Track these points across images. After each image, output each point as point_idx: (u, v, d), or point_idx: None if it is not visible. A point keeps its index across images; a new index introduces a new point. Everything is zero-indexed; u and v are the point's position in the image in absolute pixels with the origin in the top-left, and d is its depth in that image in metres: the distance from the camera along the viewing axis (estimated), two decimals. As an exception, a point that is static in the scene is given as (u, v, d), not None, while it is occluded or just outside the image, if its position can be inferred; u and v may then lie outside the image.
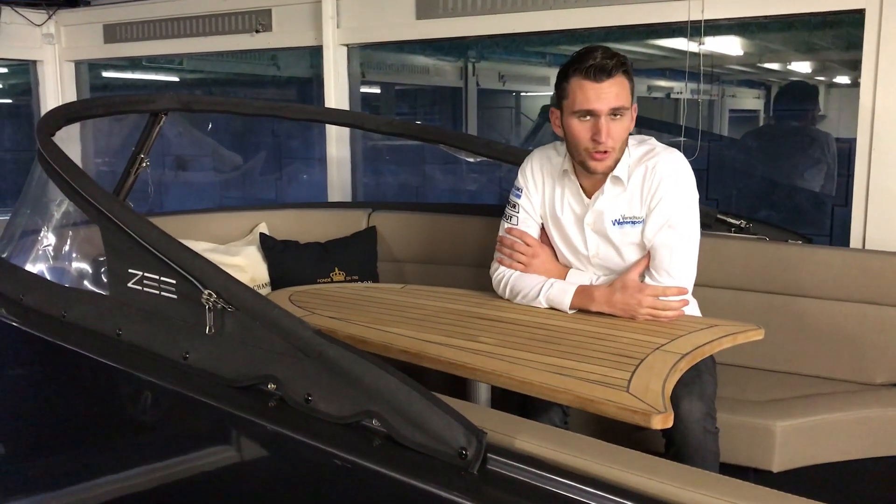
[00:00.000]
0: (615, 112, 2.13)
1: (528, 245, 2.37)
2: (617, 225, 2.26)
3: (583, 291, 2.23)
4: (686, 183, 2.22)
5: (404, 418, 1.37)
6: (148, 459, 1.89)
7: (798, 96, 3.79)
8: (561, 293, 2.25)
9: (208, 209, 3.61)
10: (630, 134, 2.25)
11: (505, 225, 2.44)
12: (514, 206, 2.43)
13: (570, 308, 2.23)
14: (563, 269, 2.36)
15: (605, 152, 2.16)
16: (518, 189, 2.43)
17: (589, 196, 2.30)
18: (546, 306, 2.27)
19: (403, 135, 3.48)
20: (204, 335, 1.70)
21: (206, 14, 4.63)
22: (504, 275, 2.39)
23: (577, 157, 2.23)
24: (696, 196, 2.24)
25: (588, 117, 2.15)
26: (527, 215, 2.41)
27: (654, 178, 2.20)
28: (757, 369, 2.70)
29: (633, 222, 2.24)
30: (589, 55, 2.12)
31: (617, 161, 2.21)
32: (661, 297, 2.17)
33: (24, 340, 2.23)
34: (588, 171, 2.24)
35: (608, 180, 2.25)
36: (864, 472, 2.38)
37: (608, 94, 2.11)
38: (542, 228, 2.43)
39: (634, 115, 2.23)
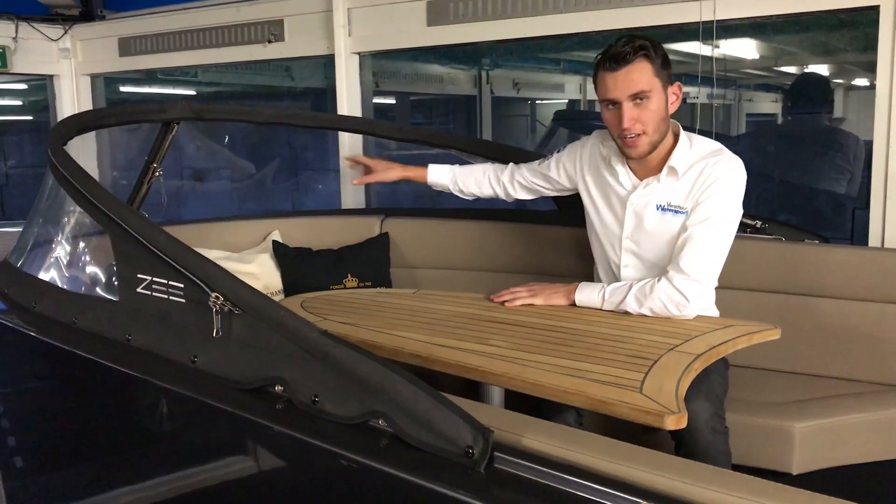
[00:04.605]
0: (637, 97, 2.14)
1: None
2: (660, 210, 2.26)
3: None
4: (738, 189, 2.22)
5: (411, 418, 1.36)
6: (157, 462, 1.89)
7: (809, 93, 3.73)
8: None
9: (222, 217, 3.60)
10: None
11: (535, 163, 2.66)
12: (549, 156, 2.61)
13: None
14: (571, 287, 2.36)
15: (638, 136, 2.17)
16: (559, 151, 2.57)
17: (640, 179, 2.30)
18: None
19: (414, 140, 3.47)
20: (212, 338, 1.70)
21: (219, 25, 4.65)
22: None
23: (617, 143, 2.26)
24: (740, 206, 2.23)
25: (612, 106, 2.19)
26: (548, 166, 2.59)
27: (711, 175, 2.20)
28: (775, 371, 2.66)
29: (677, 212, 2.24)
30: (611, 46, 2.16)
31: (654, 144, 2.21)
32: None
33: (37, 347, 2.24)
34: (626, 156, 2.28)
35: (665, 169, 2.25)
36: (886, 474, 2.34)
37: (625, 81, 2.13)
38: (584, 218, 2.50)
39: (678, 95, 2.23)
